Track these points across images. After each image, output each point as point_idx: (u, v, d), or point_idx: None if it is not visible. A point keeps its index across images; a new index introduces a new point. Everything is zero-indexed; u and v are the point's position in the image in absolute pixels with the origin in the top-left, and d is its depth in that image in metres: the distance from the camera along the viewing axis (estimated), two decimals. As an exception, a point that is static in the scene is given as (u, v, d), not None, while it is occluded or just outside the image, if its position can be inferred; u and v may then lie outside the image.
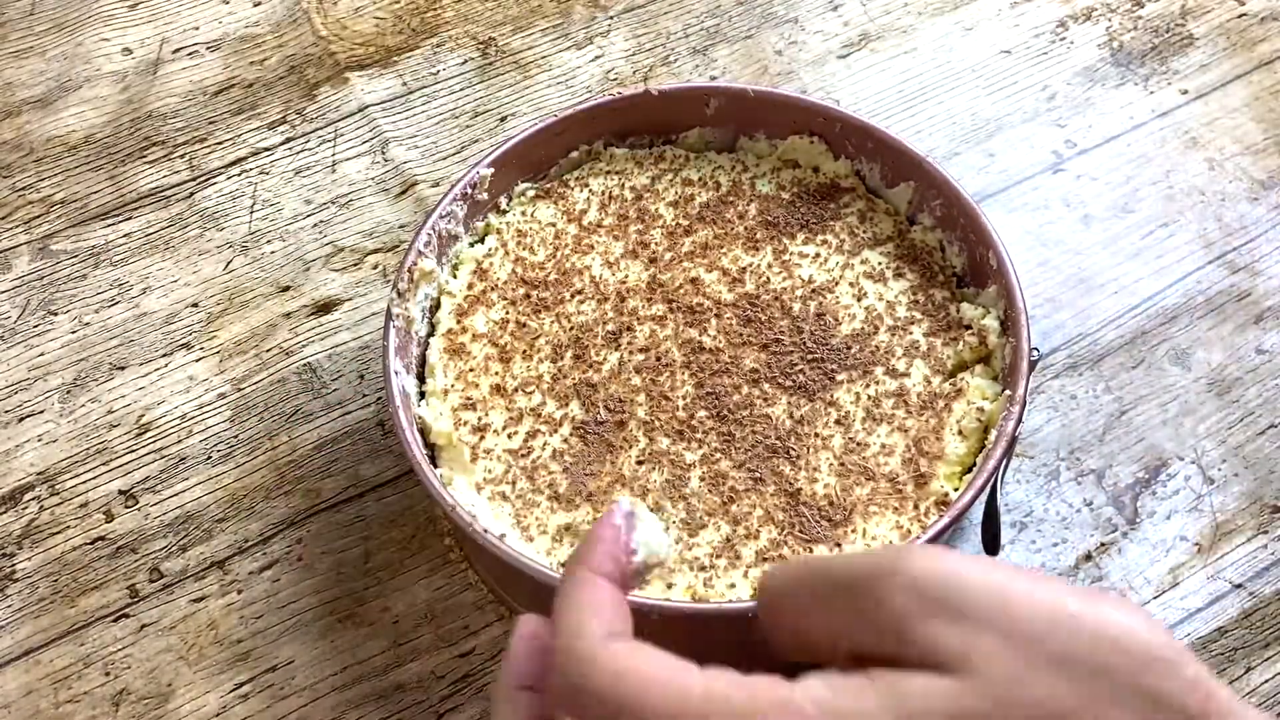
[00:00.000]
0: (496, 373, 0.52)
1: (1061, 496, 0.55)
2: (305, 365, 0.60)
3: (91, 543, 0.55)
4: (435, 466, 0.49)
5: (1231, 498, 0.55)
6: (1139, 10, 0.73)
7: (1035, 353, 0.49)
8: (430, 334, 0.54)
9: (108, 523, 0.55)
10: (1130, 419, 0.57)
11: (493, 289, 0.54)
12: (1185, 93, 0.69)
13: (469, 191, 0.55)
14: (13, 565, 0.54)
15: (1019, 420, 0.47)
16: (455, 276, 0.55)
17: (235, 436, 0.58)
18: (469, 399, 0.51)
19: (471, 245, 0.56)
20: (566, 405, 0.50)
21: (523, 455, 0.49)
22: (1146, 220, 0.64)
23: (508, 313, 0.53)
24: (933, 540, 0.44)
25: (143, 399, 0.59)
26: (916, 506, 0.47)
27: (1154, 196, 0.65)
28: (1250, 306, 0.60)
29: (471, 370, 0.52)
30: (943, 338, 0.52)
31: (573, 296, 0.54)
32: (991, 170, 0.66)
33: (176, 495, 0.56)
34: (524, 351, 0.52)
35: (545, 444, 0.50)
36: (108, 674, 0.51)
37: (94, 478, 0.57)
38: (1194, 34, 0.72)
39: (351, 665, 0.51)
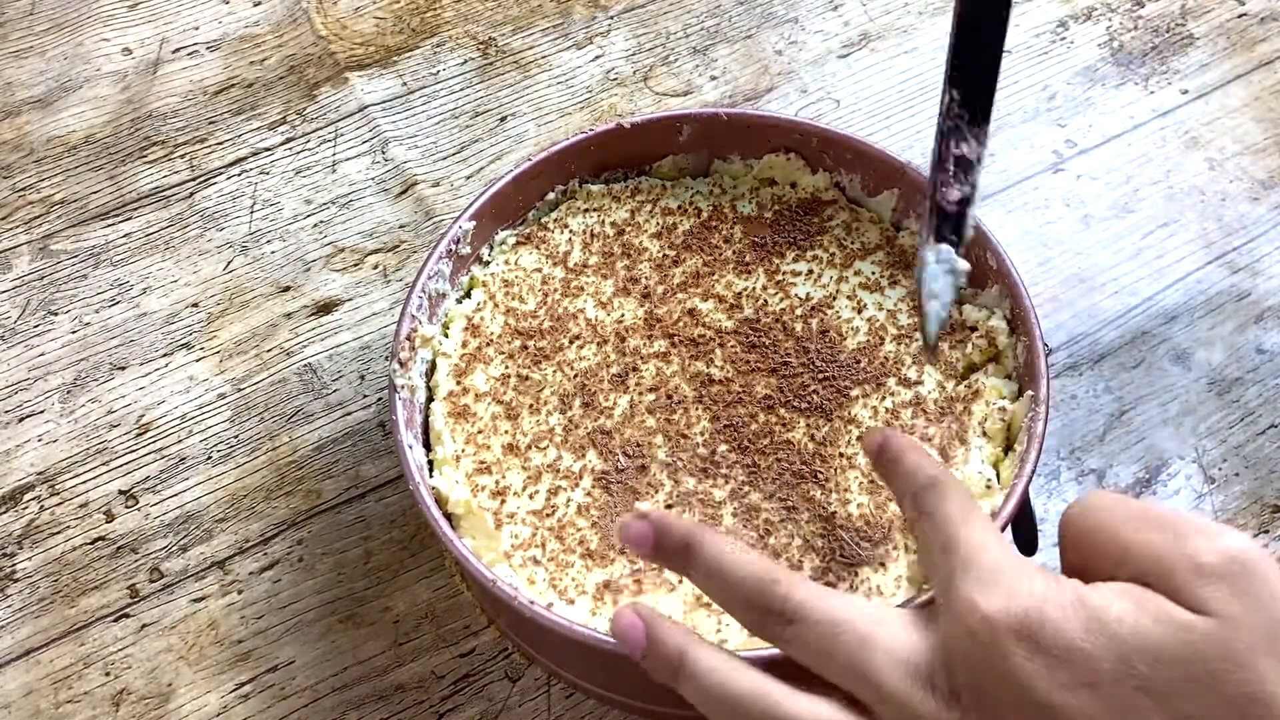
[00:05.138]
0: (506, 431, 0.50)
1: (1062, 496, 0.55)
2: (306, 365, 0.60)
3: (92, 543, 0.55)
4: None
5: (1232, 497, 0.55)
6: (1139, 10, 0.73)
7: (1046, 349, 0.49)
8: (429, 399, 0.52)
9: (108, 523, 0.55)
10: (1130, 419, 0.57)
11: (488, 344, 0.52)
12: (1185, 92, 0.69)
13: (453, 248, 0.53)
14: (13, 565, 0.54)
15: (1046, 420, 0.46)
16: (447, 336, 0.53)
17: (235, 437, 0.58)
18: (482, 462, 0.49)
19: (459, 301, 0.54)
20: (583, 456, 0.49)
21: (547, 515, 0.48)
22: (1147, 220, 0.64)
23: (507, 367, 0.52)
24: None
25: (143, 399, 0.59)
26: None
27: (1154, 196, 0.65)
28: (1250, 306, 0.61)
29: (480, 432, 0.50)
30: (949, 341, 0.52)
31: (571, 342, 0.52)
32: (991, 170, 0.66)
33: (177, 495, 0.56)
34: (530, 405, 0.50)
35: (569, 500, 0.48)
36: (108, 674, 0.51)
37: (94, 478, 0.57)
38: (1194, 34, 0.72)
39: (352, 665, 0.51)
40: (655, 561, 0.41)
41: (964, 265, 0.46)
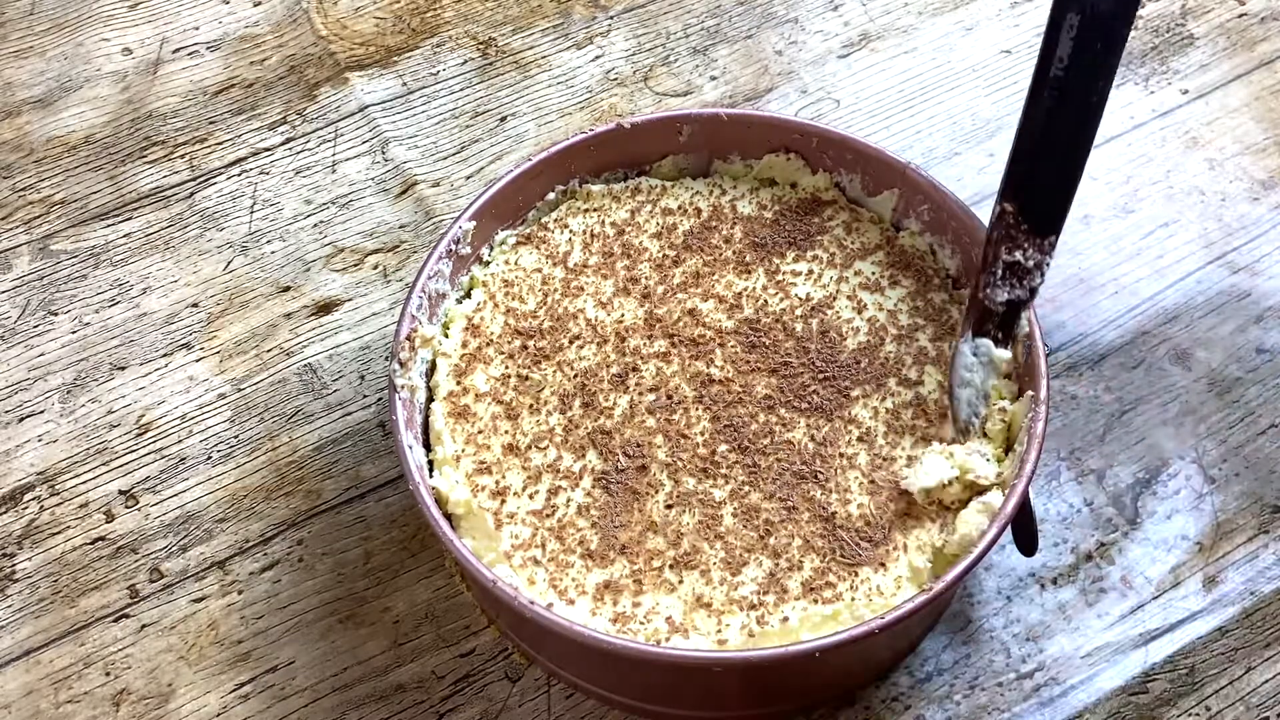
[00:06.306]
0: (506, 431, 0.50)
1: (1062, 496, 0.55)
2: (306, 366, 0.60)
3: (91, 543, 0.55)
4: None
5: (1232, 497, 0.55)
6: (1139, 10, 0.73)
7: (1046, 349, 0.49)
8: (429, 399, 0.52)
9: (108, 523, 0.55)
10: (1130, 419, 0.57)
11: (488, 344, 0.52)
12: (1185, 92, 0.69)
13: (453, 248, 0.53)
14: (13, 565, 0.54)
15: (1046, 420, 0.47)
16: (447, 336, 0.53)
17: (235, 437, 0.58)
18: (482, 462, 0.49)
19: (459, 301, 0.54)
20: (584, 456, 0.49)
21: (547, 515, 0.48)
22: (1147, 220, 0.64)
23: (507, 367, 0.52)
24: (987, 549, 0.44)
25: (143, 399, 0.59)
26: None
27: (1154, 196, 0.65)
28: (1250, 306, 0.61)
29: (480, 432, 0.50)
30: (949, 341, 0.52)
31: (571, 343, 0.52)
32: (991, 170, 0.66)
33: (176, 495, 0.56)
34: (531, 406, 0.51)
35: (569, 500, 0.48)
36: (108, 674, 0.51)
37: (94, 478, 0.57)
38: (1194, 34, 0.72)
39: (352, 665, 0.51)
40: None
41: (1003, 355, 0.48)
